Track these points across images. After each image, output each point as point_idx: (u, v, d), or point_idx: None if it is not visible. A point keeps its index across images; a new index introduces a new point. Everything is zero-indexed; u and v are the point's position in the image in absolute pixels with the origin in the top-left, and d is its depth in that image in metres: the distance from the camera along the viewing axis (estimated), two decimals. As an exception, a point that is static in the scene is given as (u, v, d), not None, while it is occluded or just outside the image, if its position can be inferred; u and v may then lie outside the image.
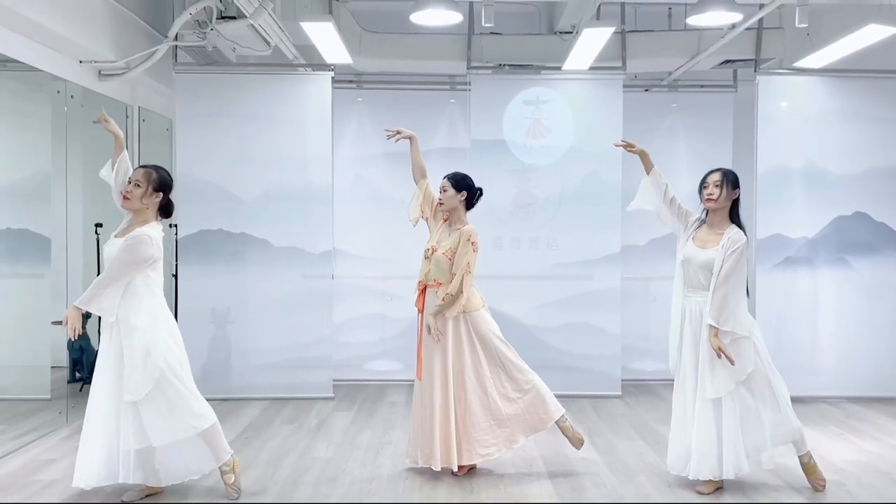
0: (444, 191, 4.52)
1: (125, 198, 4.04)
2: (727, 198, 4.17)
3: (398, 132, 4.71)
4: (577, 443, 4.47)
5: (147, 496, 4.01)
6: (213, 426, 3.93)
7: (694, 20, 5.14)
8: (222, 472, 3.99)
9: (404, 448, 4.98)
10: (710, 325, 3.95)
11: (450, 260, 4.37)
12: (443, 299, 4.31)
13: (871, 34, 5.38)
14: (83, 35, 5.54)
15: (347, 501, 4.01)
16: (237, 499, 3.97)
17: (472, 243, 4.38)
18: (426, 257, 4.52)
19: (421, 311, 4.48)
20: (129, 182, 4.05)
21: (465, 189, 4.52)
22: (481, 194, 4.62)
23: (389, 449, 5.00)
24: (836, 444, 5.10)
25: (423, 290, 4.47)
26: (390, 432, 5.42)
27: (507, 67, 6.88)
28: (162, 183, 4.06)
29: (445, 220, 4.58)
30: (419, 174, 4.72)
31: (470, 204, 4.58)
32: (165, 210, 4.13)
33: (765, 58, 6.75)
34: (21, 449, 4.93)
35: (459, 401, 4.33)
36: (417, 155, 4.71)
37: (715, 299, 3.96)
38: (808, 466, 4.17)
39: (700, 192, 4.27)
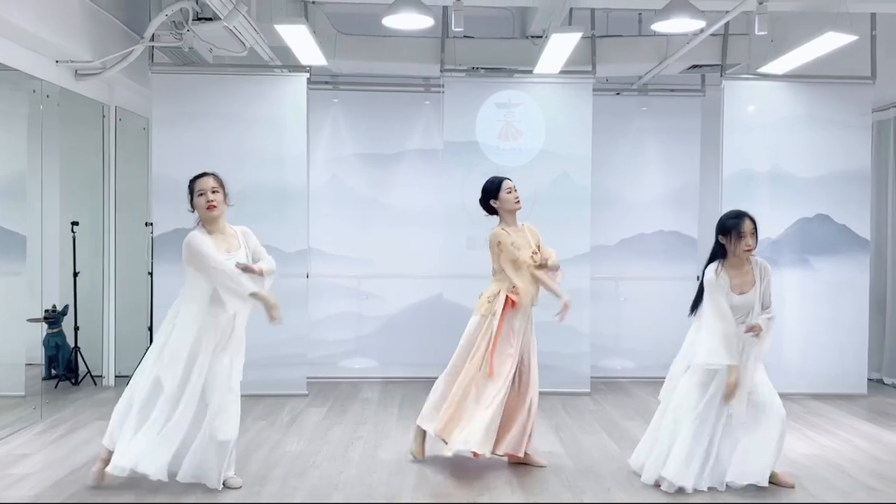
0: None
1: (211, 208, 4.08)
2: None
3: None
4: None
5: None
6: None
7: (658, 26, 5.28)
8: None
9: (375, 441, 5.11)
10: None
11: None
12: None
13: (830, 41, 5.56)
14: (59, 35, 5.61)
15: (314, 501, 4.10)
16: None
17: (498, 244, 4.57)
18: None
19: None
20: (203, 193, 4.10)
21: None
22: (488, 196, 4.73)
23: (360, 443, 5.10)
24: (793, 439, 5.25)
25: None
26: (361, 427, 5.53)
27: (482, 71, 7.01)
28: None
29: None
30: None
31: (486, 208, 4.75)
32: None
33: (731, 63, 6.93)
34: (-5, 444, 4.99)
35: (520, 394, 4.52)
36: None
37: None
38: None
39: (732, 237, 4.16)
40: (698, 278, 4.50)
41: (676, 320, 7.43)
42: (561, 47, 5.85)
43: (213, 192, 4.12)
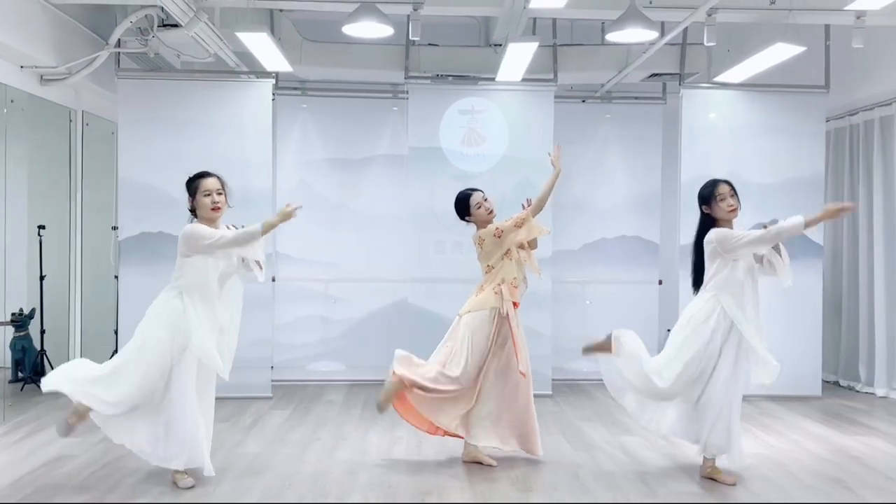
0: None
1: (216, 209, 4.21)
2: None
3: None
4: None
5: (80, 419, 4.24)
6: None
7: (613, 36, 5.41)
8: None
9: (333, 442, 5.19)
10: None
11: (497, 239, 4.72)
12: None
13: (779, 52, 5.71)
14: (24, 41, 5.66)
15: (264, 501, 4.18)
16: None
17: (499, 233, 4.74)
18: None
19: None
20: (210, 194, 4.20)
21: None
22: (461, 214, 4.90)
23: (318, 445, 5.18)
24: (743, 439, 5.37)
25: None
26: (321, 429, 5.61)
27: (450, 78, 7.10)
28: None
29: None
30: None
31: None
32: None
33: (689, 72, 7.08)
34: (-46, 446, 5.03)
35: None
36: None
37: None
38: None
39: (713, 202, 4.41)
40: (659, 282, 4.62)
41: (639, 323, 7.68)
42: (519, 56, 5.97)
43: (219, 193, 4.22)
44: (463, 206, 4.86)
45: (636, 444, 5.29)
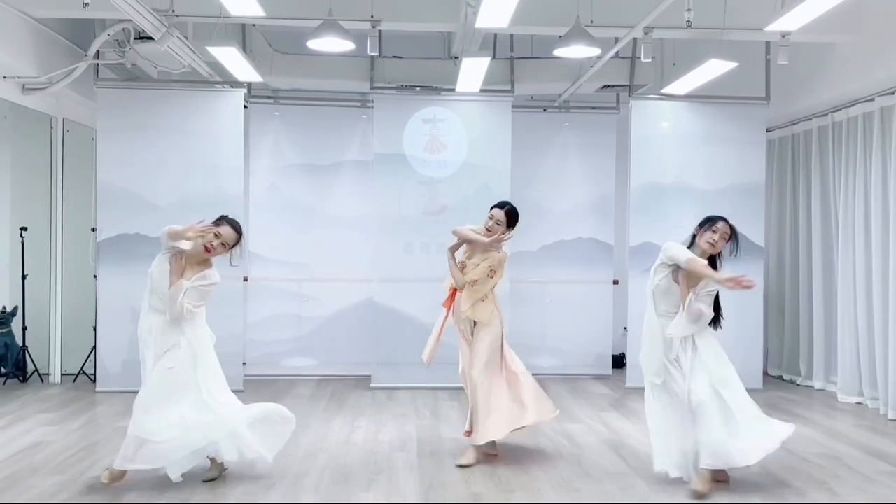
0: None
1: (209, 250, 4.32)
2: None
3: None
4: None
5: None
6: None
7: (559, 52, 5.80)
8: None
9: (297, 430, 5.52)
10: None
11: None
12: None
13: (713, 68, 6.13)
14: (6, 53, 6.01)
15: (228, 480, 4.54)
16: None
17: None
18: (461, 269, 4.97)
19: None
20: (217, 236, 4.31)
21: None
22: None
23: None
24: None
25: (453, 294, 5.00)
26: (286, 419, 5.98)
27: (417, 89, 7.48)
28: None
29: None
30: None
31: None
32: None
33: (639, 84, 7.51)
34: (-61, 433, 5.35)
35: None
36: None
37: None
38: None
39: (705, 227, 4.49)
40: (615, 282, 4.93)
41: (596, 321, 8.12)
42: (474, 69, 6.36)
43: (223, 245, 4.35)
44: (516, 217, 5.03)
45: (579, 431, 5.68)
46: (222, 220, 4.47)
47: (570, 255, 8.08)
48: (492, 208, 5.01)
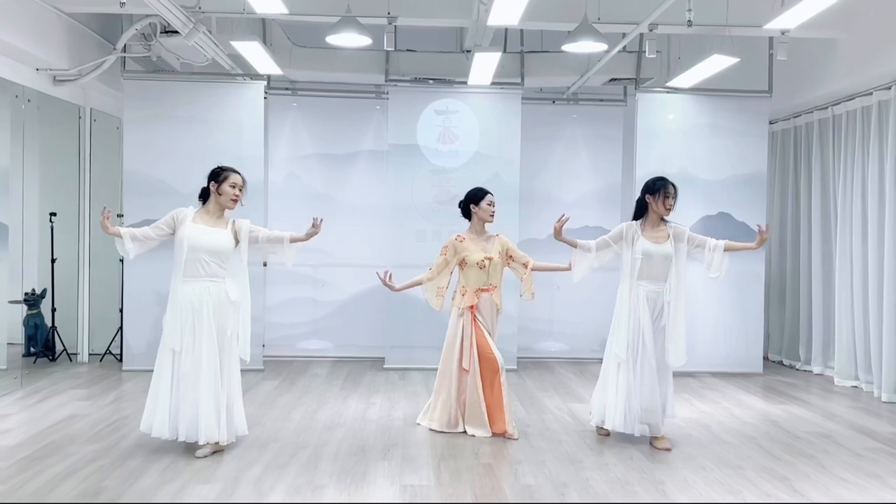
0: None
1: (235, 201, 4.70)
2: None
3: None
4: None
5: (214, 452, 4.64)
6: None
7: (567, 47, 6.04)
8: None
9: (315, 406, 5.87)
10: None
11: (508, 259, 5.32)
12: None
13: (716, 63, 6.36)
14: (39, 46, 6.31)
15: (253, 449, 4.85)
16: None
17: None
18: (481, 268, 5.28)
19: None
20: (235, 187, 4.68)
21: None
22: (470, 200, 5.36)
23: (302, 408, 5.86)
24: (679, 407, 6.06)
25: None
26: (305, 396, 6.29)
27: (431, 81, 7.74)
28: None
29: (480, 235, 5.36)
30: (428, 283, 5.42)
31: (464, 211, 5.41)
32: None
33: (645, 77, 7.74)
34: (-20, 406, 5.69)
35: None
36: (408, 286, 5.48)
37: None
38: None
39: (659, 195, 4.95)
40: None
41: (600, 307, 8.37)
42: (485, 63, 6.62)
43: (240, 189, 4.73)
44: (479, 197, 5.31)
45: (583, 409, 5.96)
46: (226, 171, 4.71)
47: (577, 243, 8.32)
48: (487, 194, 5.33)
